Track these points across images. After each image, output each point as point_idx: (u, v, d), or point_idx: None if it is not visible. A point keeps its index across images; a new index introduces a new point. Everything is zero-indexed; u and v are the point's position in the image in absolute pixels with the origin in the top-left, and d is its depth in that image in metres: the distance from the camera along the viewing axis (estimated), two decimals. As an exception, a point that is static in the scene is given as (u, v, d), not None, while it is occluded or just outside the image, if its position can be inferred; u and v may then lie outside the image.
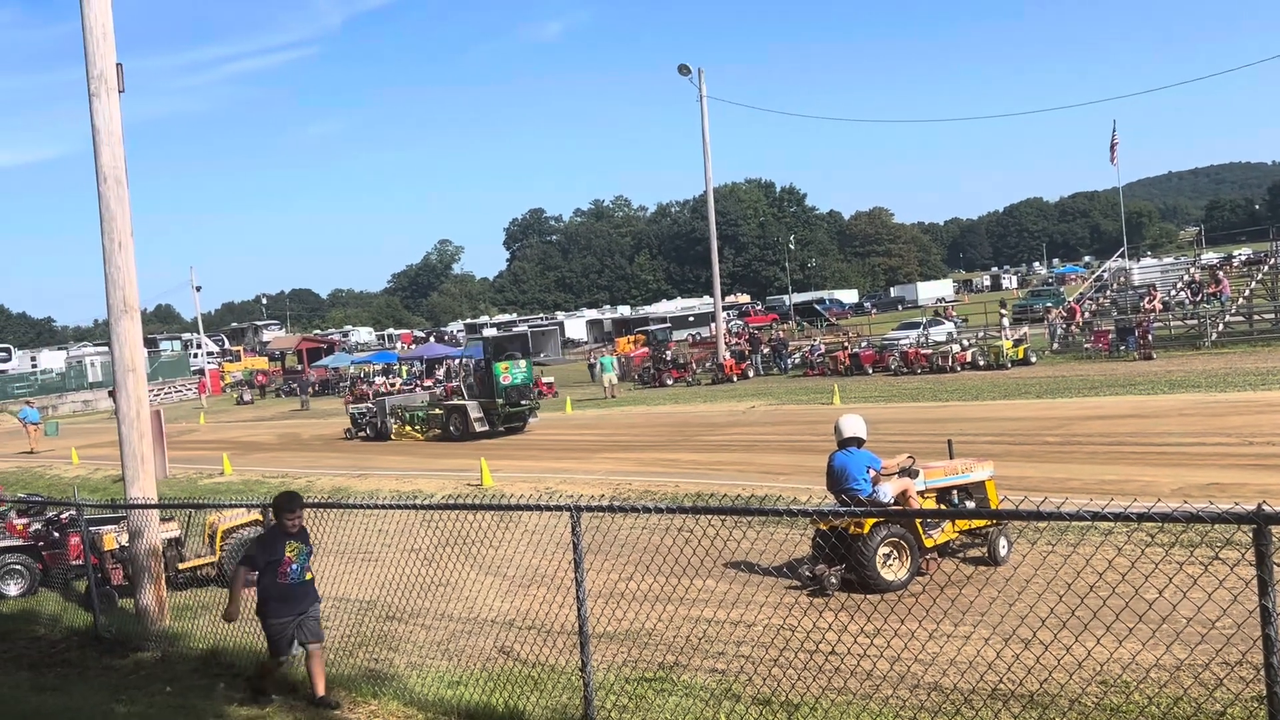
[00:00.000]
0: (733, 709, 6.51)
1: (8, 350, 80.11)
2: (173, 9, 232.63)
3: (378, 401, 32.34)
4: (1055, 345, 36.44)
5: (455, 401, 29.20)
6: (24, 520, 14.60)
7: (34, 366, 75.96)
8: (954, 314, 60.02)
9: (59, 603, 12.83)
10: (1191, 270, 42.52)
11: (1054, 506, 4.64)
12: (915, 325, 45.40)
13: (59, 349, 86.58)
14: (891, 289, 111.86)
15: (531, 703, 6.55)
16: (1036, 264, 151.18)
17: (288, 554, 7.19)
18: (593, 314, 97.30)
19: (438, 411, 29.53)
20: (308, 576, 7.35)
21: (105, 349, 73.22)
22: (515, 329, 79.46)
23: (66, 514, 14.08)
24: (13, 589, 13.47)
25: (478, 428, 27.60)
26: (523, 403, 28.24)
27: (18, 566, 13.66)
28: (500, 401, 27.67)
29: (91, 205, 10.87)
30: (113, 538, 12.59)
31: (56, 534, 14.03)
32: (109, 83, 10.64)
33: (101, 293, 10.71)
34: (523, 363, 28.77)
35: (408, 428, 30.16)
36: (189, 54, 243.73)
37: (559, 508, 6.38)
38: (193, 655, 9.12)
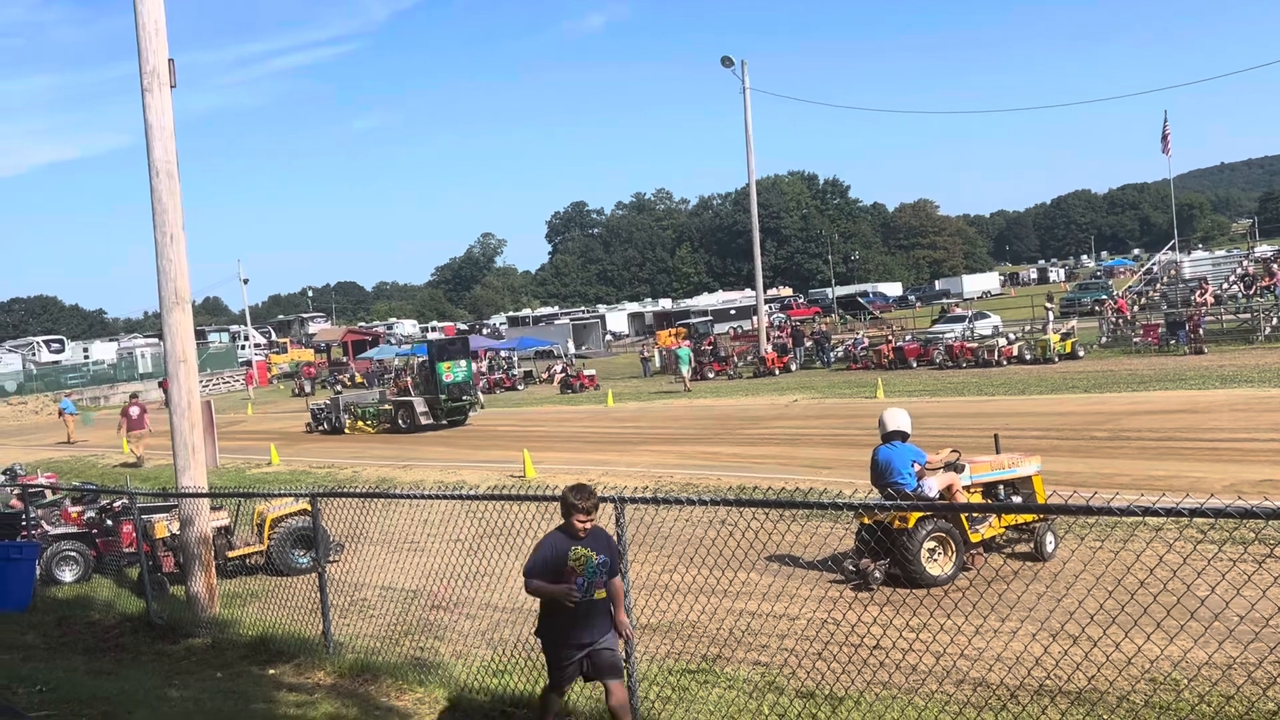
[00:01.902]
0: (776, 702, 6.50)
1: (61, 341, 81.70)
2: (222, 5, 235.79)
3: (333, 399, 34.48)
4: (1103, 339, 35.91)
5: (402, 398, 31.29)
6: (78, 508, 14.92)
7: (86, 358, 77.41)
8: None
9: (112, 589, 13.10)
10: (1245, 263, 41.67)
11: (1103, 502, 4.59)
12: (955, 320, 44.91)
13: (110, 340, 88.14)
14: (936, 282, 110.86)
15: (575, 693, 6.58)
16: (1084, 257, 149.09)
17: (571, 562, 5.64)
18: (634, 307, 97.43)
19: (387, 407, 31.67)
20: (598, 595, 5.73)
21: (155, 340, 74.52)
22: (556, 322, 79.80)
23: (119, 502, 14.36)
24: (68, 575, 13.77)
25: (423, 421, 29.92)
26: (463, 398, 30.70)
27: (73, 553, 13.96)
28: (443, 397, 29.94)
29: (143, 199, 11.07)
30: (164, 526, 12.82)
31: (110, 522, 14.32)
32: (161, 78, 10.80)
33: (152, 285, 10.91)
34: (463, 363, 31.02)
35: (360, 423, 32.13)
36: (238, 49, 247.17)
37: (603, 499, 6.40)
38: (242, 642, 9.26)
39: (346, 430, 32.09)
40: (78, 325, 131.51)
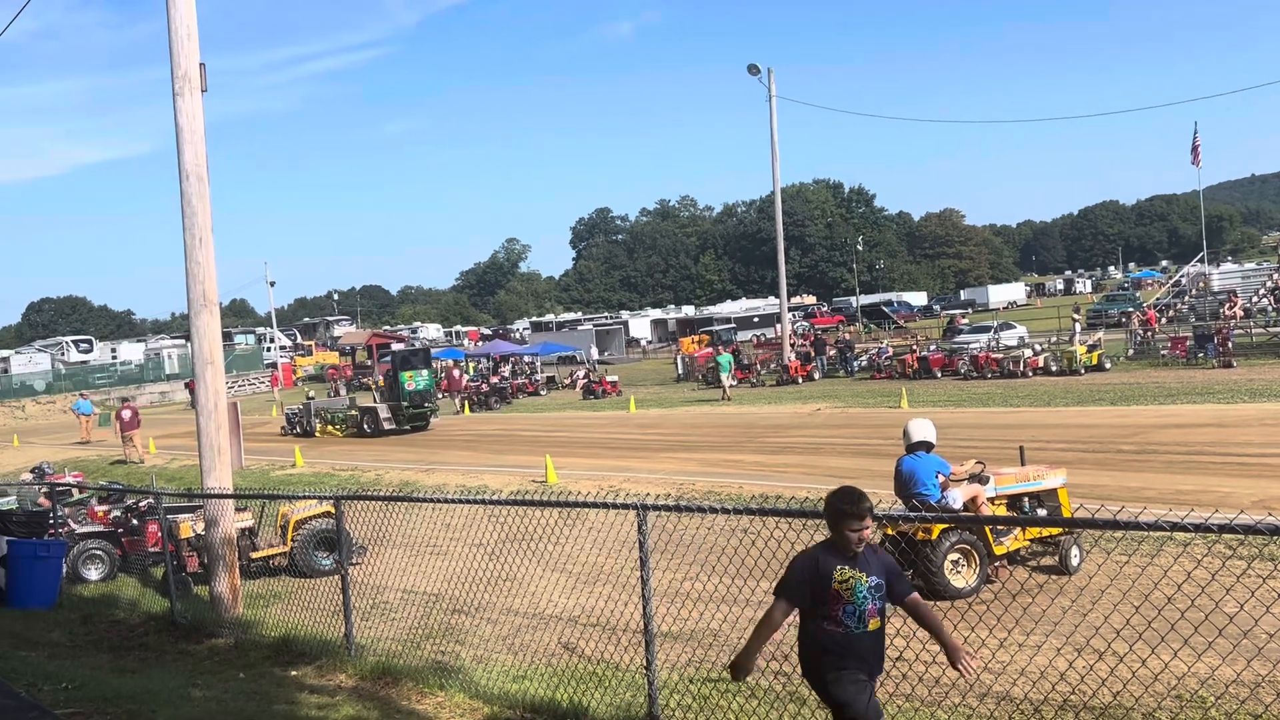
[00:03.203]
0: (798, 713, 6.47)
1: (89, 342, 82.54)
2: (253, 10, 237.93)
3: (305, 405, 35.82)
4: (1130, 351, 35.62)
5: (367, 404, 33.55)
6: (105, 507, 15.08)
7: (114, 358, 78.17)
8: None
9: (137, 588, 13.22)
10: (1275, 276, 41.26)
11: (1131, 516, 4.55)
12: (981, 330, 44.64)
13: (138, 341, 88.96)
14: (962, 292, 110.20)
15: (595, 699, 6.57)
16: (1112, 268, 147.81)
17: (836, 586, 4.49)
18: (657, 314, 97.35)
19: (354, 413, 33.58)
20: (871, 626, 4.55)
21: (182, 341, 75.23)
22: (579, 328, 79.90)
23: (145, 502, 14.50)
24: (94, 574, 13.91)
25: (386, 426, 31.61)
26: (425, 405, 32.54)
27: (99, 552, 14.11)
28: (405, 404, 31.89)
29: (173, 201, 11.18)
30: (189, 526, 12.94)
31: (135, 521, 14.47)
32: (192, 82, 10.91)
33: (179, 286, 11.06)
34: (424, 372, 33.03)
35: (330, 427, 33.88)
36: (268, 54, 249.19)
37: (625, 506, 6.41)
38: (265, 643, 9.31)
39: (317, 434, 33.69)
40: (106, 326, 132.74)
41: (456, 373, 46.17)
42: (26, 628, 10.54)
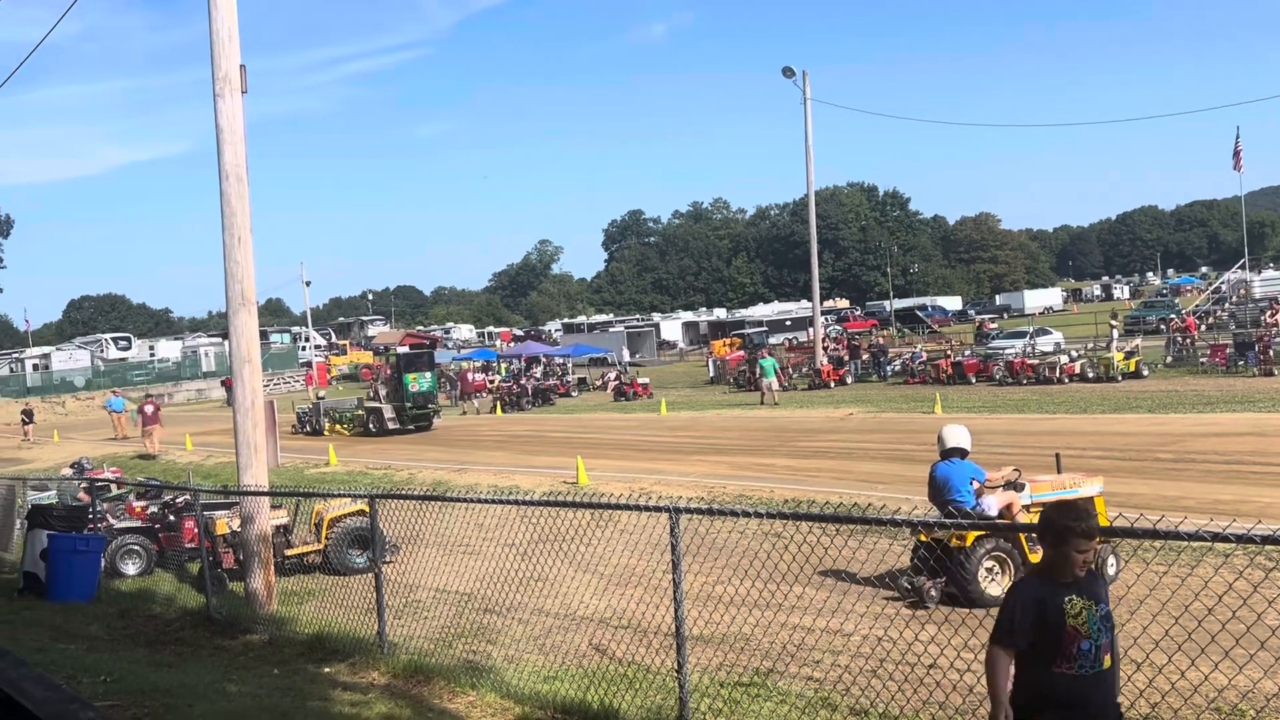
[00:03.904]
0: (830, 718, 6.45)
1: (128, 339, 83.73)
2: (291, 12, 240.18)
3: (315, 404, 37.29)
4: (1169, 359, 35.15)
5: (373, 405, 34.18)
6: (142, 503, 15.26)
7: (152, 355, 79.24)
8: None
9: (173, 583, 13.37)
10: (1319, 283, 40.60)
11: (1171, 526, 4.48)
12: (1013, 337, 44.23)
13: (175, 339, 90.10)
14: (997, 297, 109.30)
15: (626, 701, 6.57)
16: (1150, 274, 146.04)
17: (1071, 621, 3.84)
18: (688, 316, 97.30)
19: (360, 413, 34.57)
20: (1106, 663, 3.88)
21: (219, 339, 76.04)
22: (611, 330, 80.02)
23: (182, 498, 14.67)
24: (131, 569, 14.08)
25: (390, 426, 32.71)
26: (428, 406, 33.61)
27: (136, 547, 14.27)
28: (408, 405, 32.83)
29: (210, 201, 11.32)
30: (224, 523, 13.07)
31: (172, 517, 14.63)
32: (233, 84, 11.03)
33: (216, 285, 11.16)
34: (428, 374, 34.02)
35: (338, 426, 34.98)
36: (305, 55, 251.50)
37: (658, 508, 6.40)
38: (299, 640, 9.39)
39: (325, 432, 34.72)
40: (144, 323, 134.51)
41: (470, 375, 46.52)
42: (66, 620, 10.70)
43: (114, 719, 5.05)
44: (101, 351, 77.64)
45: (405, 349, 40.28)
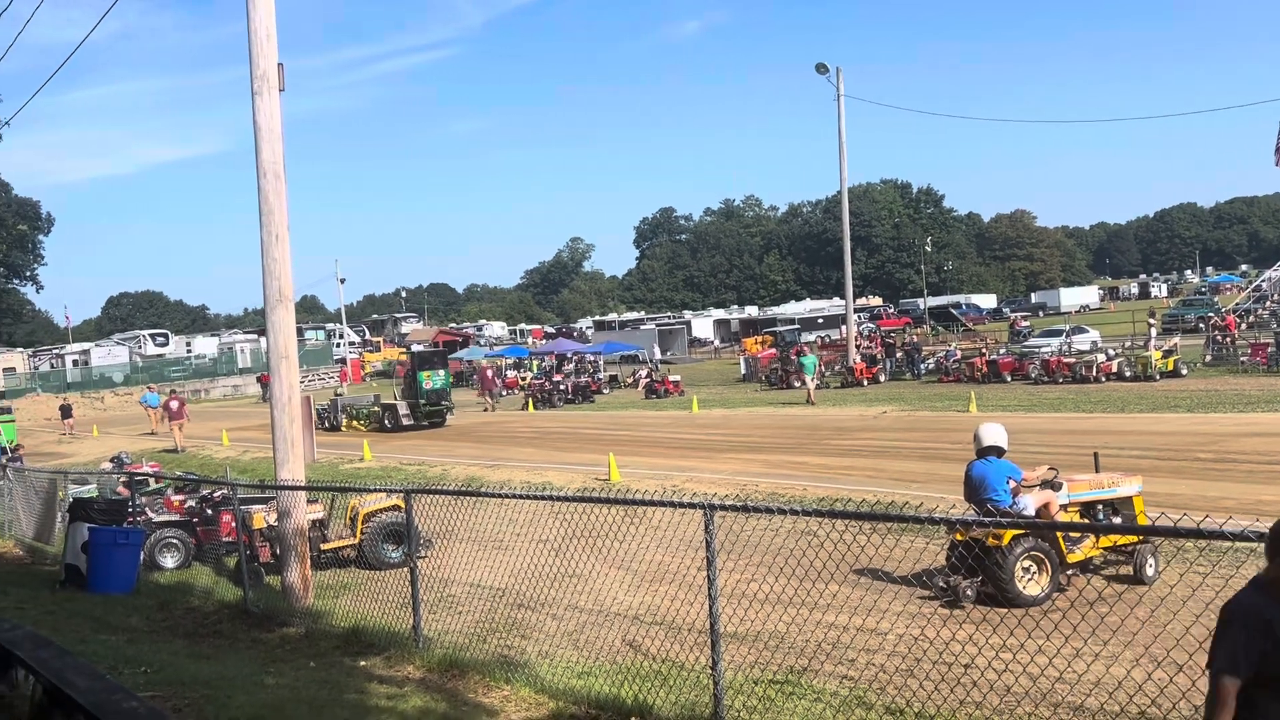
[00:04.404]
0: (865, 717, 6.41)
1: (165, 335, 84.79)
2: (325, 11, 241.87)
3: (332, 401, 38.35)
4: (1208, 357, 34.65)
5: (388, 402, 35.35)
6: (180, 497, 15.45)
7: (189, 351, 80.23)
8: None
9: (211, 577, 13.52)
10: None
11: (1215, 525, 4.41)
12: (1049, 336, 43.76)
13: (212, 335, 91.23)
14: (1033, 295, 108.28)
15: (660, 698, 6.57)
16: (1189, 272, 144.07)
17: None
18: (720, 314, 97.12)
19: (376, 409, 35.52)
20: None
21: (254, 336, 76.86)
22: (642, 327, 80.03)
23: (219, 492, 14.83)
24: (169, 562, 14.26)
25: (404, 422, 33.51)
26: (441, 403, 34.23)
27: (174, 541, 14.46)
28: (422, 402, 33.64)
29: (247, 199, 11.40)
30: (261, 517, 13.19)
31: (209, 511, 14.79)
32: (271, 82, 11.12)
33: (252, 283, 11.29)
34: (441, 372, 34.77)
35: (355, 422, 35.95)
36: (338, 54, 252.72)
37: (693, 505, 6.40)
38: (335, 633, 9.46)
39: (343, 428, 35.79)
40: (181, 320, 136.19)
41: (490, 373, 46.91)
42: (106, 612, 10.84)
43: (156, 709, 5.10)
44: (140, 348, 78.68)
45: (420, 347, 40.76)
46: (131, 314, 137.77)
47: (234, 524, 13.19)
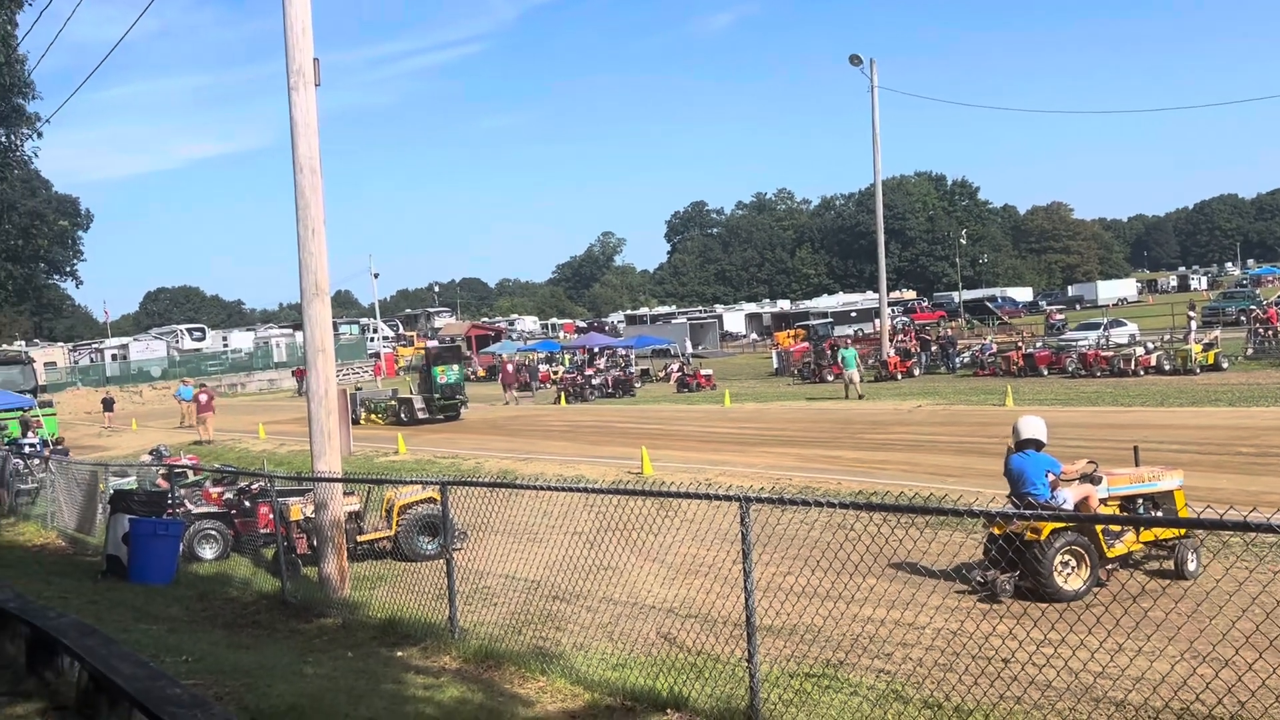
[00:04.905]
0: (902, 711, 6.36)
1: (202, 330, 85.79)
2: (359, 6, 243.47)
3: (352, 395, 38.22)
4: (1249, 350, 34.13)
5: (404, 396, 36.46)
6: (219, 489, 15.62)
7: (225, 346, 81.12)
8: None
9: (249, 567, 13.66)
10: None
11: (1263, 519, 4.33)
12: (1087, 329, 43.27)
13: (248, 330, 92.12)
14: (1069, 288, 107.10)
15: (695, 690, 6.56)
16: (1229, 264, 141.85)
17: None
18: (752, 307, 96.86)
19: (394, 403, 36.55)
20: None
21: (289, 330, 77.55)
22: (673, 321, 79.99)
23: (257, 485, 14.97)
24: (208, 553, 14.42)
25: (420, 416, 34.54)
26: (455, 397, 35.30)
27: (213, 532, 14.62)
28: (437, 396, 34.73)
29: (282, 194, 11.50)
30: (298, 508, 13.31)
31: (247, 503, 14.95)
32: (306, 77, 11.19)
33: (287, 278, 11.41)
34: (455, 367, 35.92)
35: (372, 415, 37.00)
36: (371, 50, 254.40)
37: (728, 498, 6.38)
38: (371, 624, 9.53)
39: (361, 422, 36.15)
40: (217, 315, 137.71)
41: (510, 367, 47.21)
42: (147, 602, 10.99)
43: (198, 696, 5.16)
44: (177, 342, 79.66)
45: (435, 343, 41.46)
46: (169, 309, 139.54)
47: (271, 516, 13.34)
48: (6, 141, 24.78)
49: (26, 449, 23.02)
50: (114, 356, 74.21)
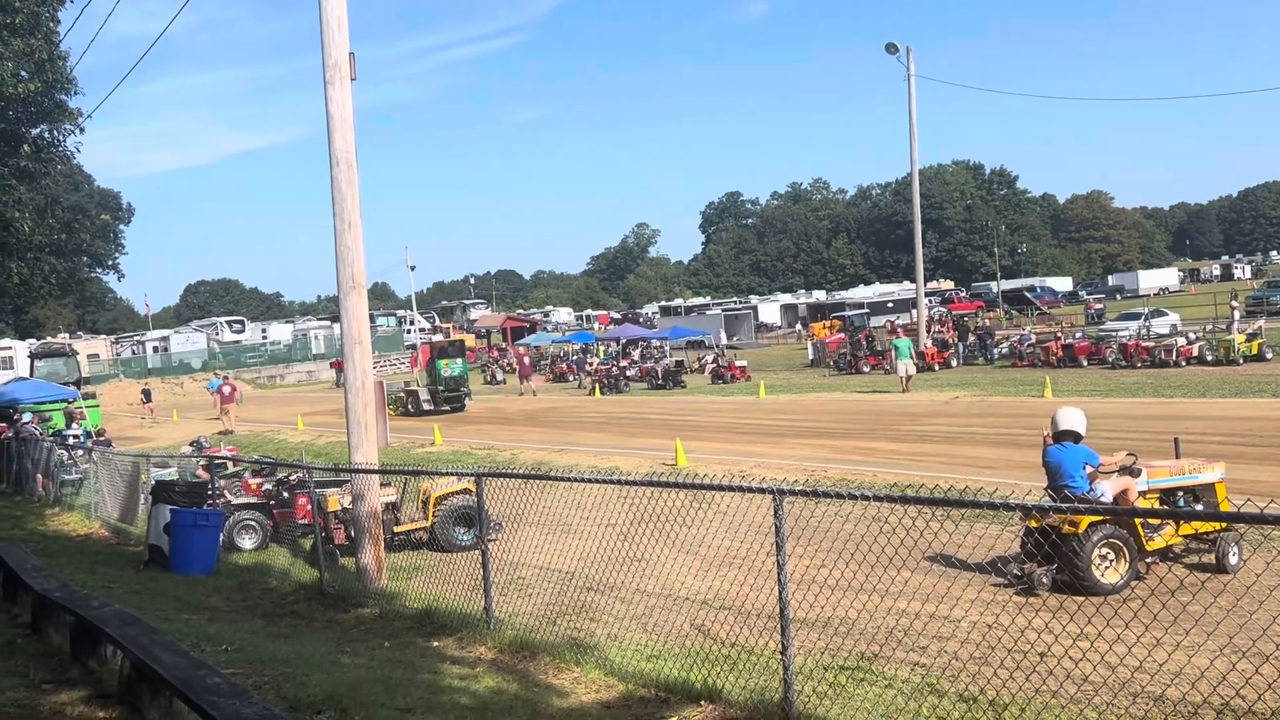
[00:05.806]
0: (937, 704, 6.33)
1: (241, 323, 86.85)
2: (394, 1, 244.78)
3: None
4: (1295, 340, 33.50)
5: (411, 388, 37.86)
6: (257, 480, 15.80)
7: (264, 338, 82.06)
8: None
9: (287, 558, 13.82)
10: None
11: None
12: (1128, 319, 42.67)
13: (286, 322, 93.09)
14: (1110, 277, 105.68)
15: (729, 682, 6.57)
16: (1274, 253, 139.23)
17: None
18: (787, 298, 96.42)
19: (402, 395, 37.57)
20: None
21: (327, 323, 78.27)
22: (708, 312, 79.87)
23: (295, 476, 15.14)
24: (247, 543, 14.60)
25: (425, 407, 35.87)
26: (459, 389, 36.61)
27: (252, 523, 14.80)
28: (441, 388, 36.09)
29: (319, 188, 11.61)
30: (336, 499, 13.45)
31: (285, 494, 15.11)
32: (342, 71, 11.28)
33: (325, 270, 11.52)
34: (459, 360, 37.22)
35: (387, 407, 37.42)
36: (406, 43, 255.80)
37: (762, 490, 6.37)
38: (408, 614, 9.62)
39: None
40: (257, 307, 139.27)
41: (527, 360, 47.74)
42: (188, 592, 11.16)
43: (238, 685, 5.24)
44: (217, 334, 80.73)
45: (441, 338, 42.60)
46: (209, 301, 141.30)
47: (309, 507, 13.49)
48: (50, 137, 25.09)
49: (70, 440, 23.40)
50: (155, 349, 75.27)
